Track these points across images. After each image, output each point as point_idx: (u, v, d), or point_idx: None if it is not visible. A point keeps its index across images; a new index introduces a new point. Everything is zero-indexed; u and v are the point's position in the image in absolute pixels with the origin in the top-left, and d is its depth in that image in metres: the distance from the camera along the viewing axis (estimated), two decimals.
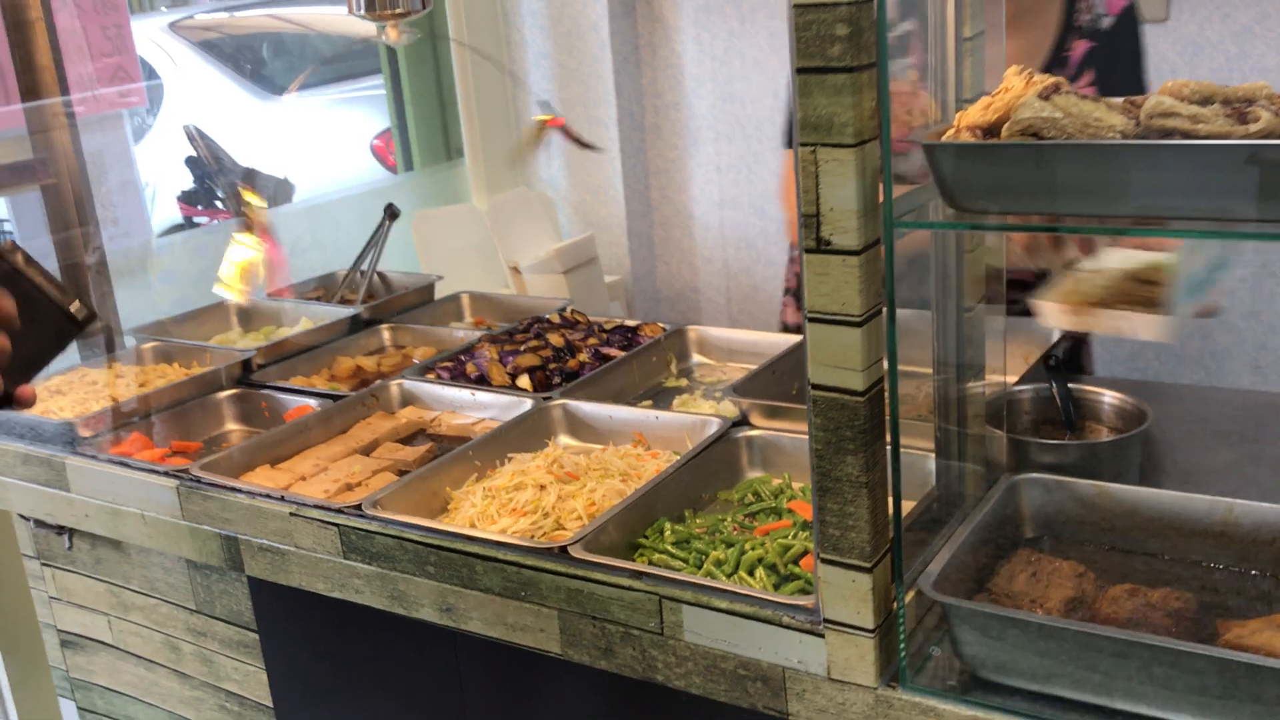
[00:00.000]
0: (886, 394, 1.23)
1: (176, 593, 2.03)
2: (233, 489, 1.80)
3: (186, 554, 1.90)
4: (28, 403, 1.21)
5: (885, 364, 1.22)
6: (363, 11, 1.90)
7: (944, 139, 1.16)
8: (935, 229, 1.27)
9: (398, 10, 1.86)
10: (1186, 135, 1.02)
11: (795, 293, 2.59)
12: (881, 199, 1.16)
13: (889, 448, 1.25)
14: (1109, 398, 1.63)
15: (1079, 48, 2.07)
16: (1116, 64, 2.06)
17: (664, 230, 3.92)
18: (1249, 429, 1.83)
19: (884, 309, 1.20)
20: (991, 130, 1.15)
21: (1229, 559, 1.39)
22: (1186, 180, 1.01)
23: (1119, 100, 1.11)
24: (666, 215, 3.90)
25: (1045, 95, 1.10)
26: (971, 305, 1.45)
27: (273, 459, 1.97)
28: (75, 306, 1.22)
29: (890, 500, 1.26)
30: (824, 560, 1.28)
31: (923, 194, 1.27)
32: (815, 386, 1.22)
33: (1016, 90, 1.16)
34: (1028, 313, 1.89)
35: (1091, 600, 1.34)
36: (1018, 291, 2.09)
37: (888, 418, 1.24)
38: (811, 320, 1.21)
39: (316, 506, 1.72)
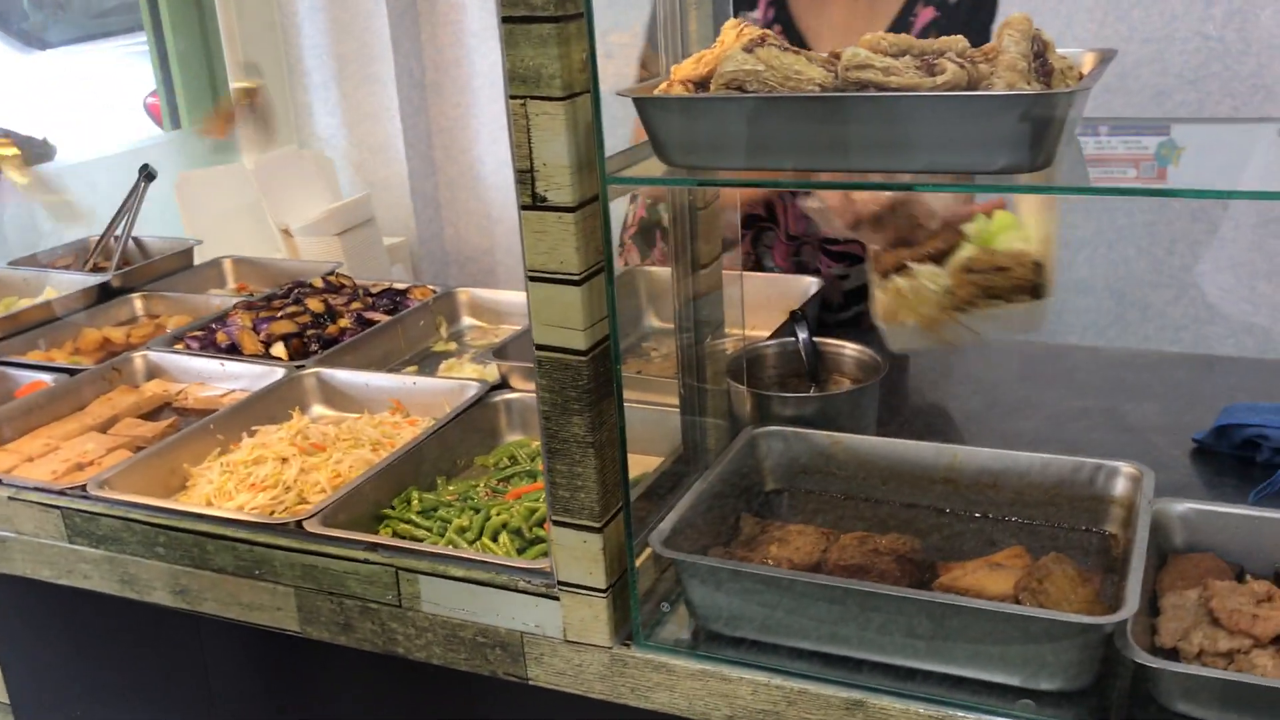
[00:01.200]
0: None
1: None
2: None
3: None
4: None
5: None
6: None
7: (656, 92, 1.14)
8: (645, 185, 1.25)
9: None
10: (880, 88, 1.02)
11: None
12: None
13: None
14: (850, 350, 1.66)
15: (924, 15, 2.00)
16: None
17: (450, 191, 3.83)
18: (989, 377, 1.90)
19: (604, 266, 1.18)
20: (702, 84, 1.13)
21: (955, 504, 1.43)
22: (878, 132, 1.01)
23: (823, 54, 1.11)
24: (452, 175, 3.81)
25: (749, 48, 1.09)
26: (707, 262, 1.44)
27: None
28: None
29: (620, 460, 1.25)
30: (556, 522, 1.26)
31: (647, 149, 1.25)
32: (540, 347, 1.20)
33: (729, 43, 1.15)
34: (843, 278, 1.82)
35: (824, 549, 1.37)
36: (835, 261, 2.10)
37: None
38: (532, 279, 1.18)
39: (36, 489, 1.60)
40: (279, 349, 2.07)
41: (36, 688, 1.82)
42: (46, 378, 2.02)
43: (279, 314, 2.18)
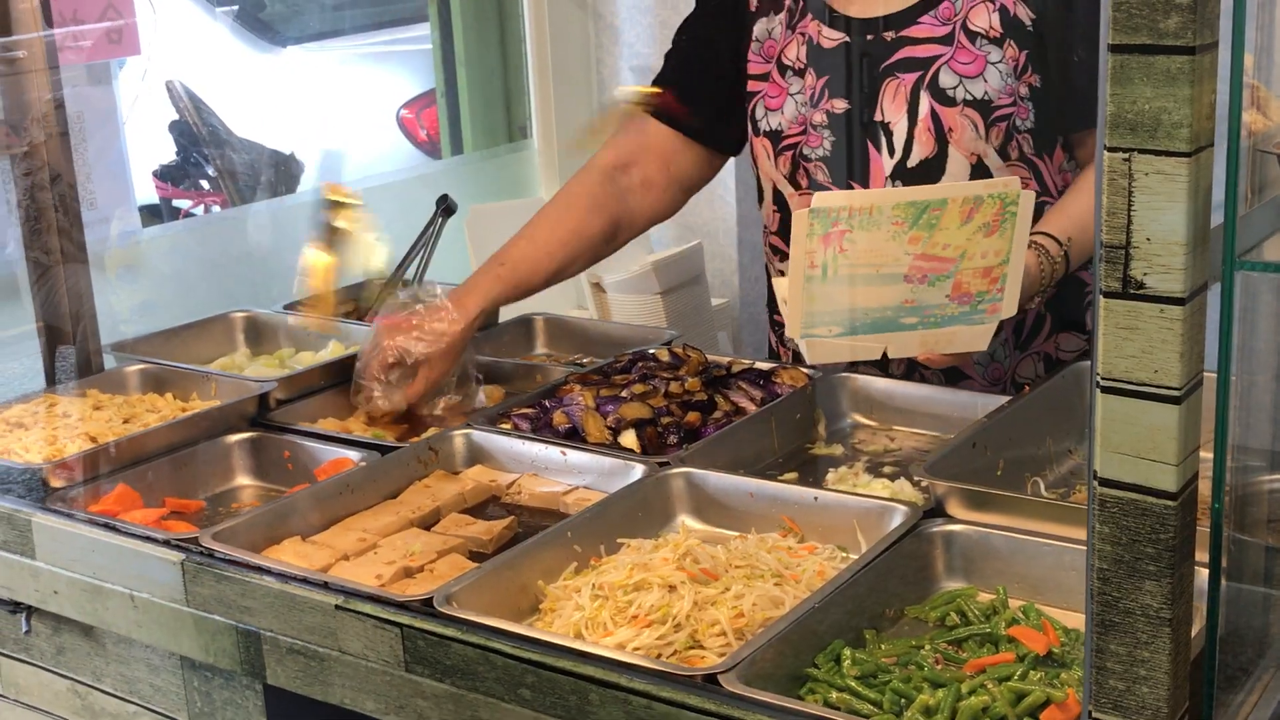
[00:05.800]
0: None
1: (164, 699, 1.97)
2: (259, 569, 1.74)
3: (187, 651, 1.84)
4: None
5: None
6: None
7: None
8: None
9: None
10: None
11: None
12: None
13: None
14: None
15: None
16: None
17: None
18: None
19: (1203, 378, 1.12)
20: None
21: None
22: None
23: None
24: None
25: None
26: None
27: (304, 529, 1.91)
28: None
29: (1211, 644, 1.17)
30: None
31: (1255, 221, 1.19)
32: (1105, 483, 1.14)
33: None
34: None
35: None
36: None
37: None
38: (1106, 390, 1.12)
39: (371, 599, 1.65)
40: (629, 438, 2.09)
41: None
42: (353, 455, 2.10)
43: (623, 393, 2.20)
